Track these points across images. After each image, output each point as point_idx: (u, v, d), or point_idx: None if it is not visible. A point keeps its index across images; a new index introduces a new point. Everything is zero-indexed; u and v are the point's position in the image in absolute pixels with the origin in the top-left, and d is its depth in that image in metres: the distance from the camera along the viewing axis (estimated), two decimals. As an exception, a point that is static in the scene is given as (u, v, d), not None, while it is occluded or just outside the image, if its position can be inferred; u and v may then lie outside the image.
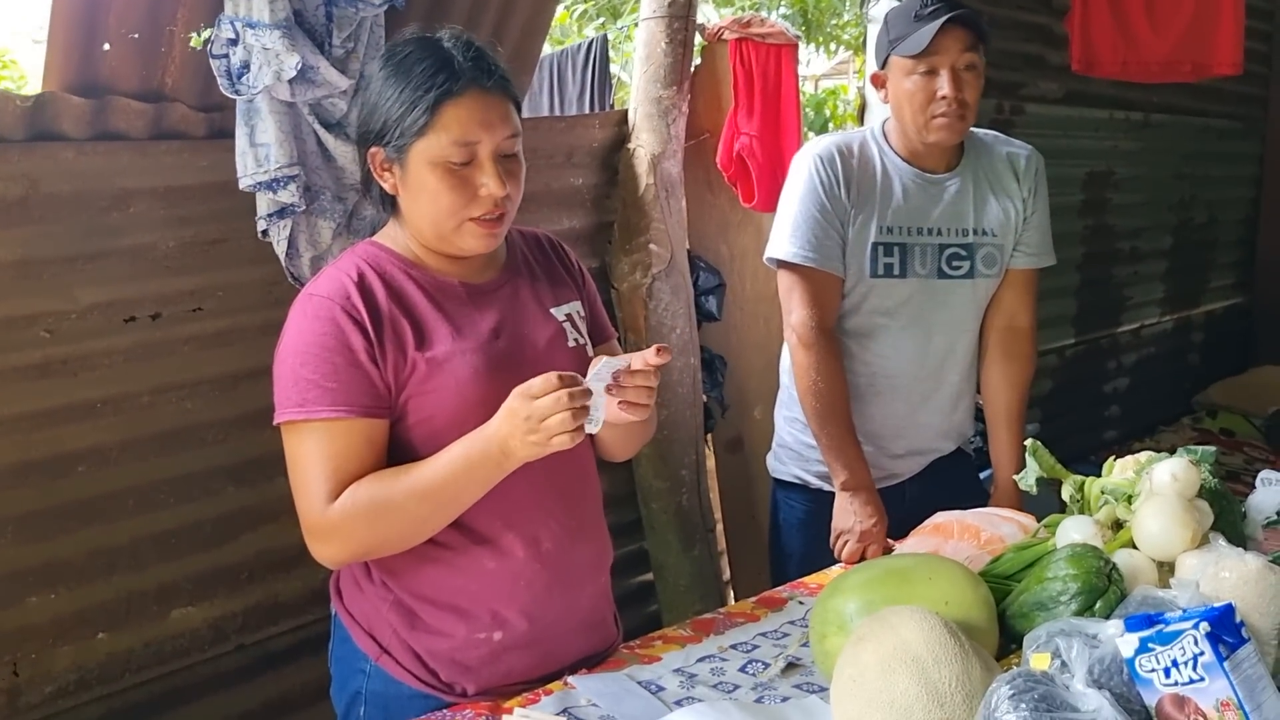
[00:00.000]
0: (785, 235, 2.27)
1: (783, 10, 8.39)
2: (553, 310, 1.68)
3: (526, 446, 1.41)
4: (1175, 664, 1.22)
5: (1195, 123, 5.34)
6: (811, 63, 10.06)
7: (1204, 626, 1.21)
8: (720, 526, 3.44)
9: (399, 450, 1.55)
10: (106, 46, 1.94)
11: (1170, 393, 5.44)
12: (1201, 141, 5.43)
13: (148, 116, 2.05)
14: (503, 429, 1.43)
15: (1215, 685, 1.20)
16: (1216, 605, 1.26)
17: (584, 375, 1.68)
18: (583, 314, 1.74)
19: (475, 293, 1.62)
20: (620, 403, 1.46)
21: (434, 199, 1.51)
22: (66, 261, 2.01)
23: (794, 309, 2.28)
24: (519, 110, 1.59)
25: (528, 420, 1.39)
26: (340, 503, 1.49)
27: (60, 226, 1.99)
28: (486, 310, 1.61)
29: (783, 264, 2.29)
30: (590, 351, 1.72)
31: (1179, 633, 1.22)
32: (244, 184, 1.99)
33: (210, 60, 1.92)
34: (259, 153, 1.96)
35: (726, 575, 3.46)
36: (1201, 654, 1.21)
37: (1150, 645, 1.24)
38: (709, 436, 3.37)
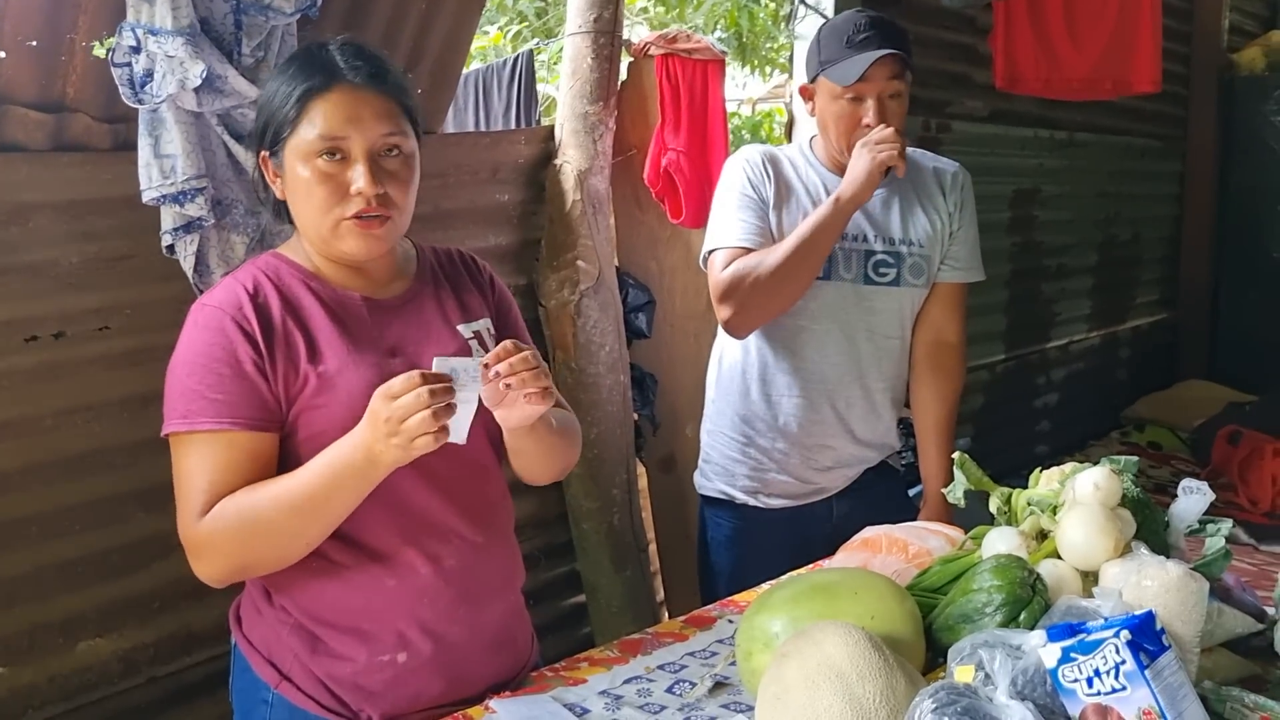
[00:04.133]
0: (721, 229, 2.29)
1: (718, 34, 8.45)
2: (460, 327, 1.65)
3: (390, 450, 1.36)
4: (1098, 673, 1.22)
5: (1118, 141, 5.46)
6: (748, 86, 10.16)
7: (1124, 635, 1.20)
8: (653, 546, 3.40)
9: (292, 466, 1.50)
10: (2, 55, 1.87)
11: (1099, 407, 5.53)
12: (1124, 160, 5.55)
13: (48, 128, 1.99)
14: (366, 433, 1.37)
15: (1137, 694, 1.20)
16: (1137, 613, 1.25)
17: None
18: (493, 331, 1.70)
19: (376, 308, 1.59)
20: (525, 396, 1.42)
21: (307, 195, 1.49)
22: (-38, 278, 1.94)
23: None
24: (412, 113, 1.56)
25: (388, 422, 1.33)
26: (210, 516, 1.44)
27: (-46, 241, 1.91)
28: (387, 326, 1.58)
29: (719, 253, 2.28)
30: None
31: (1100, 641, 1.21)
32: (148, 197, 1.92)
33: (112, 69, 1.86)
34: (164, 164, 1.90)
35: (660, 596, 3.42)
36: (1123, 663, 1.20)
37: (1072, 655, 1.23)
38: (640, 455, 3.34)
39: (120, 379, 2.16)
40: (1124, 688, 1.20)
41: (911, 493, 2.59)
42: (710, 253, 2.29)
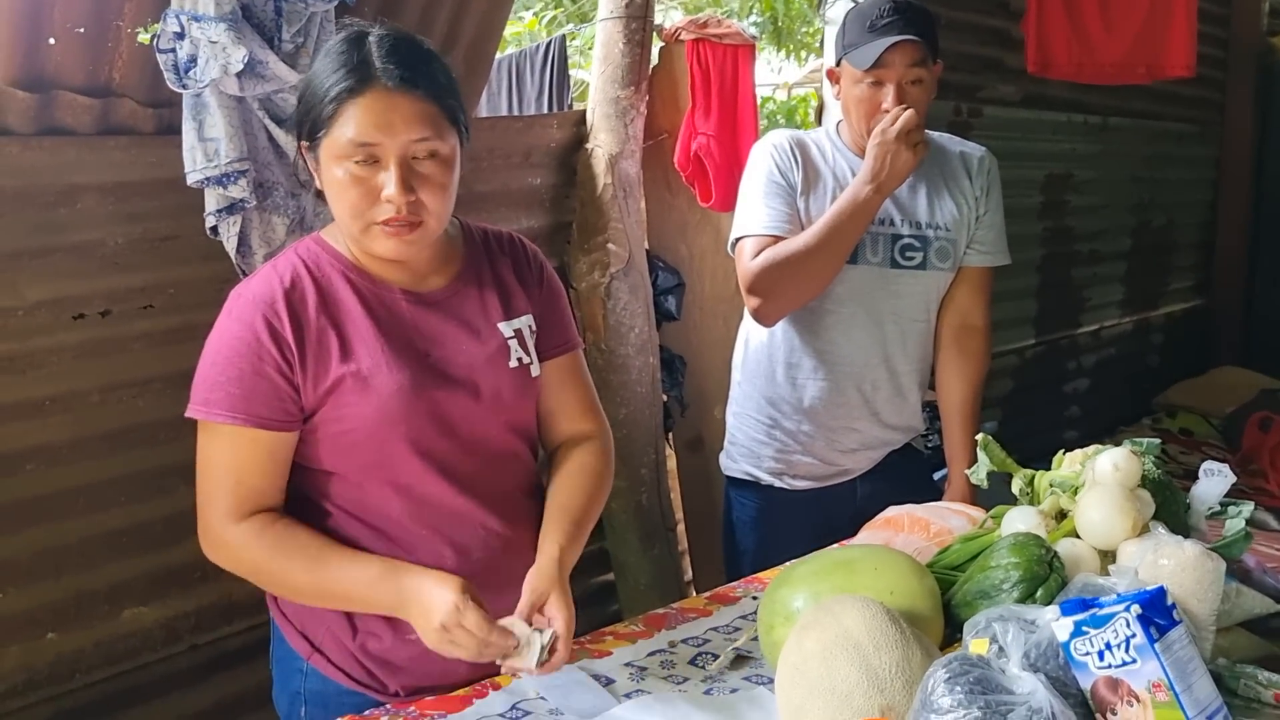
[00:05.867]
0: (749, 216, 2.30)
1: (753, 18, 8.44)
2: (501, 325, 1.63)
3: (428, 639, 1.47)
4: (1109, 646, 1.23)
5: (1153, 126, 5.40)
6: (783, 70, 10.12)
7: (1135, 609, 1.22)
8: (681, 526, 3.44)
9: (308, 454, 1.55)
10: (52, 41, 1.92)
11: (1130, 393, 5.49)
12: (1159, 145, 5.49)
13: (95, 111, 2.04)
14: (412, 610, 1.48)
15: (1147, 667, 1.22)
16: (1149, 588, 1.27)
17: (521, 395, 1.65)
18: (534, 329, 1.68)
19: (416, 302, 1.58)
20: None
21: (339, 196, 1.47)
22: (12, 257, 2.00)
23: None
24: (453, 112, 1.51)
25: (439, 632, 1.44)
26: (245, 531, 1.51)
27: (5, 222, 1.97)
28: (425, 322, 1.58)
29: (748, 241, 2.29)
30: (534, 371, 1.67)
31: (1111, 615, 1.23)
32: (192, 179, 1.97)
33: (157, 55, 1.91)
34: (208, 147, 1.95)
35: (688, 575, 3.46)
36: (1133, 636, 1.22)
37: (1084, 628, 1.25)
38: (669, 436, 3.38)
39: (164, 356, 2.22)
40: (1134, 660, 1.22)
41: (937, 476, 2.61)
42: (738, 240, 2.31)
